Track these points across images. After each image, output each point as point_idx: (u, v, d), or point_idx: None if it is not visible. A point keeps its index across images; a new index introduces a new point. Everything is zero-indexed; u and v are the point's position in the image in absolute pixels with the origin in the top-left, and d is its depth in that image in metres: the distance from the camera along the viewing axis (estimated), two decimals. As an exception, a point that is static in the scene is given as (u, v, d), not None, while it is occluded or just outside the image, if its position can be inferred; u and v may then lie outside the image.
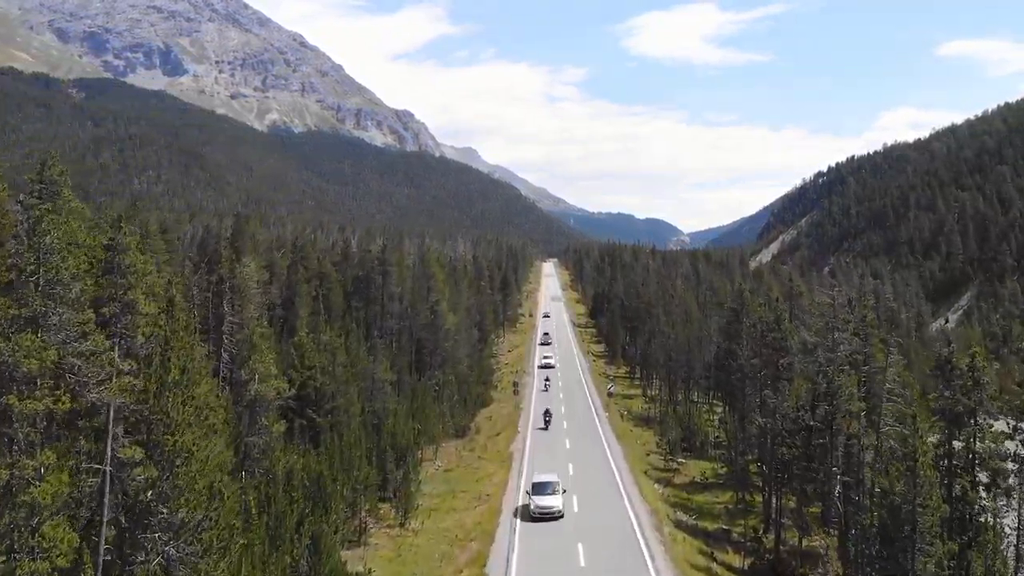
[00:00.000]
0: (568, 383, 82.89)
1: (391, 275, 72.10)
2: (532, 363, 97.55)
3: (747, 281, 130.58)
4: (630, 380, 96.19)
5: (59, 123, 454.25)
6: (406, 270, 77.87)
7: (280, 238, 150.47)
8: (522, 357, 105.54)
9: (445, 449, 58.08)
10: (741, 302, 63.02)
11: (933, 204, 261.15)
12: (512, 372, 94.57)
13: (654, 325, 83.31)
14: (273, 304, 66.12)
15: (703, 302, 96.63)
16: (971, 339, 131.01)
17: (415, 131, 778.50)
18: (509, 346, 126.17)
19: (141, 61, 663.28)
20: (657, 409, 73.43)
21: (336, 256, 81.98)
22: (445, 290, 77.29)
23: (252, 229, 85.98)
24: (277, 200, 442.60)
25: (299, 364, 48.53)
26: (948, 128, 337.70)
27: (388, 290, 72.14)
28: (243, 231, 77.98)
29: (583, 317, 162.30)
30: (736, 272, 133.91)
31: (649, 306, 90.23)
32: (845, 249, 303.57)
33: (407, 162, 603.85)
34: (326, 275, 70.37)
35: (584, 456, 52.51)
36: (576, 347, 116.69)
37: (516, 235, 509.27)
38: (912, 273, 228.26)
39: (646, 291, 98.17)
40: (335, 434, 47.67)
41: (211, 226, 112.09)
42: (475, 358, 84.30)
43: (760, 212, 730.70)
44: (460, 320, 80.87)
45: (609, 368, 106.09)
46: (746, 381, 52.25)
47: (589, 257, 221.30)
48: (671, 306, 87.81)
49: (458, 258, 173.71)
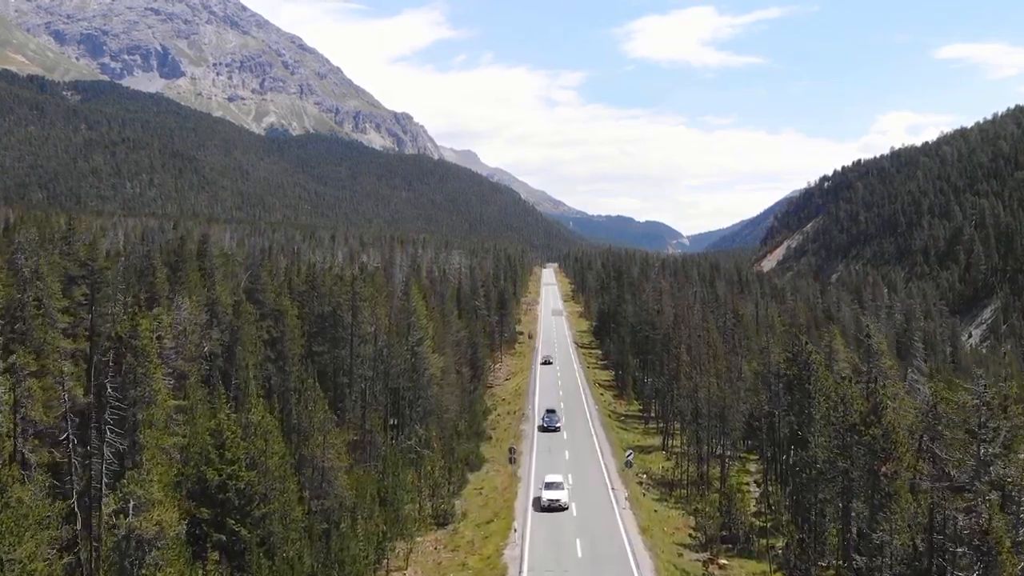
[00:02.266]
0: (575, 436, 69.52)
1: (362, 312, 58.79)
2: (531, 403, 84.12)
3: (768, 301, 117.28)
4: (644, 423, 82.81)
5: (52, 126, 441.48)
6: (384, 302, 64.57)
7: (252, 256, 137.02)
8: (520, 393, 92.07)
9: (422, 547, 44.80)
10: (807, 368, 48.49)
11: (948, 211, 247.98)
12: (509, 413, 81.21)
13: (675, 365, 70.01)
14: (214, 355, 52.85)
15: (727, 331, 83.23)
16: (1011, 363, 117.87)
17: (414, 134, 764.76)
18: (507, 372, 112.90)
19: (138, 63, 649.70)
20: (683, 471, 60.19)
21: (301, 284, 68.55)
22: (429, 326, 63.92)
23: (208, 247, 72.53)
24: (272, 204, 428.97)
25: (217, 458, 35.29)
26: (958, 131, 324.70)
27: (360, 330, 58.85)
28: (187, 256, 64.67)
29: (586, 335, 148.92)
30: (755, 289, 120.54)
31: (668, 342, 76.90)
32: (854, 256, 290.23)
33: (405, 165, 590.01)
34: (283, 313, 57.04)
35: (600, 561, 39.53)
36: (581, 376, 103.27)
37: (515, 239, 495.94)
38: (929, 284, 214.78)
39: (662, 321, 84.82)
40: (264, 554, 34.54)
41: (170, 241, 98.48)
42: (465, 403, 71.09)
43: (760, 215, 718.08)
44: (448, 361, 67.54)
45: (619, 402, 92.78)
46: (821, 482, 38.49)
47: (592, 268, 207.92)
48: (692, 339, 74.56)
49: (453, 270, 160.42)
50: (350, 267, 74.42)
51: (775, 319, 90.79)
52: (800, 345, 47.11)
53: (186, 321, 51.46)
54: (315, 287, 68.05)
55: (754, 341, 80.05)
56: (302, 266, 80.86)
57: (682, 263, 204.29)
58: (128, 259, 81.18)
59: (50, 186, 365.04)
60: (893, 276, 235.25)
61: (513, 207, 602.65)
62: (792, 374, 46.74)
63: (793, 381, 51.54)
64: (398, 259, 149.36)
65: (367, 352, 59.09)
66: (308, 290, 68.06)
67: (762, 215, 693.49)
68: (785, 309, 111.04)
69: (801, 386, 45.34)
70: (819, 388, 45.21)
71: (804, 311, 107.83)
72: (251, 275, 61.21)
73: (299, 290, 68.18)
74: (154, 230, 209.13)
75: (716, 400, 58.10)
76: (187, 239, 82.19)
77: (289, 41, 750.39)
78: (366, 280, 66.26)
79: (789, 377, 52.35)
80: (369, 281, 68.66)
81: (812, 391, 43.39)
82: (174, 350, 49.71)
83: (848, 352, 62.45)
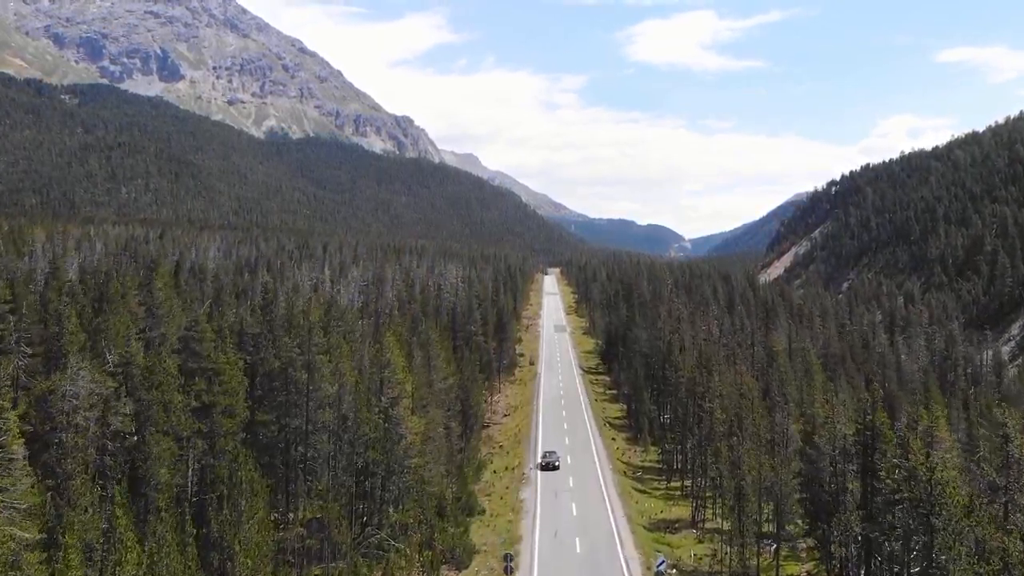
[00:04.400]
0: (587, 507, 56.81)
1: (321, 369, 46.17)
2: (533, 455, 71.47)
3: (795, 324, 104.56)
4: (664, 478, 70.07)
5: (48, 130, 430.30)
6: (349, 355, 51.85)
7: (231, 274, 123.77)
8: (520, 438, 79.33)
9: None
10: (872, 439, 36.24)
11: (965, 218, 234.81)
12: (507, 469, 68.57)
13: (708, 425, 57.39)
14: (123, 434, 40.22)
15: (760, 370, 70.51)
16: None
17: (414, 137, 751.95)
18: (506, 405, 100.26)
19: (138, 67, 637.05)
20: (720, 561, 47.61)
21: (256, 324, 55.52)
22: (409, 381, 51.15)
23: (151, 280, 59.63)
24: (269, 208, 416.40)
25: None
26: (970, 135, 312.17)
27: (318, 393, 46.26)
28: (112, 296, 51.95)
29: (592, 356, 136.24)
30: (780, 311, 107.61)
31: (693, 387, 64.19)
32: (865, 264, 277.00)
33: (405, 169, 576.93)
34: (218, 373, 44.43)
35: None
36: (588, 413, 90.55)
37: (516, 243, 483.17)
38: (948, 295, 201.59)
39: (684, 361, 71.96)
40: None
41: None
42: (453, 466, 58.41)
43: (763, 218, 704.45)
44: (433, 417, 54.84)
45: (633, 449, 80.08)
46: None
47: (596, 279, 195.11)
48: (723, 385, 61.99)
49: (449, 285, 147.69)
50: (317, 302, 61.45)
51: (813, 361, 78.05)
52: (880, 427, 34.11)
53: (84, 393, 38.97)
54: (272, 330, 55.37)
55: (793, 385, 67.33)
56: (276, 292, 68.21)
57: (690, 274, 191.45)
58: (70, 290, 68.73)
59: (44, 191, 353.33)
60: (909, 286, 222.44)
61: (514, 211, 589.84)
62: (868, 461, 34.21)
63: (868, 466, 39.07)
64: (390, 275, 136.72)
65: (327, 419, 46.51)
66: (264, 332, 55.31)
67: (764, 218, 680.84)
68: (813, 335, 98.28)
69: (865, 451, 32.42)
70: (920, 495, 32.35)
71: (837, 340, 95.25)
72: (190, 321, 48.53)
73: (251, 332, 55.40)
74: (138, 239, 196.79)
75: (766, 480, 45.40)
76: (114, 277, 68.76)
77: (289, 44, 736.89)
78: (332, 322, 53.57)
79: (863, 461, 39.84)
80: (337, 321, 56.07)
81: (875, 458, 30.41)
82: (64, 433, 37.29)
83: (952, 436, 49.37)
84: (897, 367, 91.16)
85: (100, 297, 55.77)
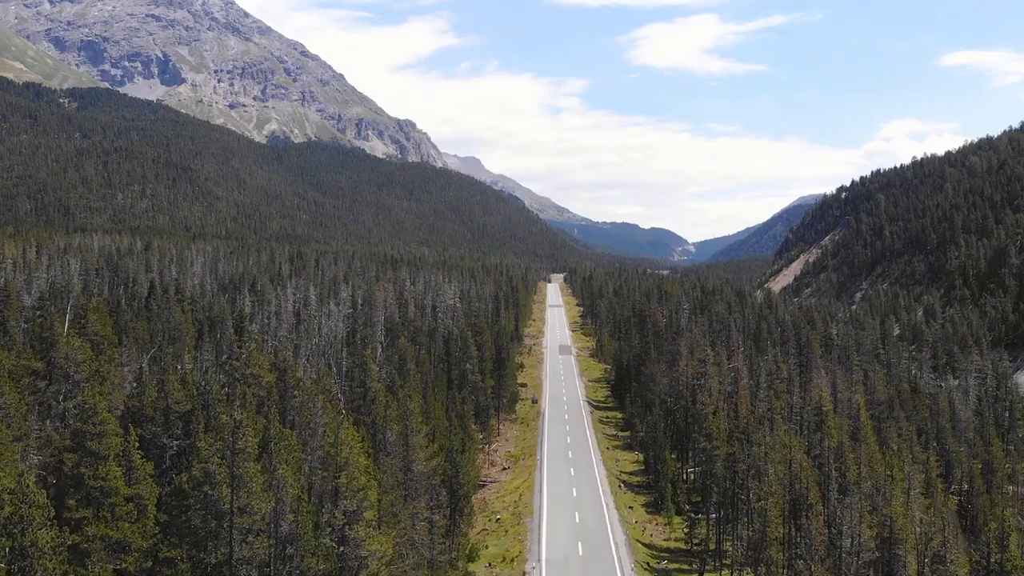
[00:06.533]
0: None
1: (250, 483, 33.34)
2: (537, 535, 58.61)
3: (834, 365, 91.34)
4: (698, 571, 57.11)
5: (45, 134, 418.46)
6: (296, 446, 39.00)
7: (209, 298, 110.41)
8: (519, 509, 66.25)
9: None
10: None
11: (986, 227, 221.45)
12: (503, 559, 55.67)
13: (762, 524, 44.65)
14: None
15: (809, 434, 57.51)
16: None
17: (417, 141, 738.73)
18: (505, 455, 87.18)
19: (139, 71, 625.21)
20: None
21: (187, 401, 42.50)
22: (373, 489, 38.27)
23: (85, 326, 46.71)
24: (269, 214, 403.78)
25: None
26: (984, 140, 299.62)
27: (247, 515, 33.38)
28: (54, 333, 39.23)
29: (601, 387, 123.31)
30: (813, 346, 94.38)
31: (733, 464, 51.32)
32: (879, 274, 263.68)
33: (407, 173, 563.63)
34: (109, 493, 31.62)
35: None
36: (600, 470, 77.56)
37: (519, 249, 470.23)
38: (972, 310, 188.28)
39: (717, 428, 58.98)
40: None
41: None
42: (437, 575, 45.45)
43: (767, 222, 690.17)
44: (403, 526, 41.88)
45: (654, 522, 67.10)
46: None
47: (603, 295, 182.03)
48: (773, 466, 49.17)
49: (446, 306, 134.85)
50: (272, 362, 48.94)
51: (866, 421, 64.86)
52: None
53: None
54: (208, 407, 42.53)
55: (851, 458, 54.23)
56: (247, 334, 55.33)
57: (702, 290, 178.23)
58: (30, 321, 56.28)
59: (39, 197, 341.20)
60: (929, 299, 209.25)
61: (517, 215, 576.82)
62: None
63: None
64: (381, 297, 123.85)
65: (259, 550, 33.70)
66: (197, 409, 42.45)
67: (769, 223, 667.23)
68: (852, 378, 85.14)
69: None
70: None
71: (883, 382, 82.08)
72: (88, 407, 35.66)
73: (181, 411, 42.58)
74: (122, 252, 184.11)
75: None
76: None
77: (291, 48, 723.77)
78: (287, 395, 40.62)
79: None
80: (292, 390, 43.16)
81: None
82: None
83: None
84: (951, 415, 78.21)
85: (42, 341, 43.35)
